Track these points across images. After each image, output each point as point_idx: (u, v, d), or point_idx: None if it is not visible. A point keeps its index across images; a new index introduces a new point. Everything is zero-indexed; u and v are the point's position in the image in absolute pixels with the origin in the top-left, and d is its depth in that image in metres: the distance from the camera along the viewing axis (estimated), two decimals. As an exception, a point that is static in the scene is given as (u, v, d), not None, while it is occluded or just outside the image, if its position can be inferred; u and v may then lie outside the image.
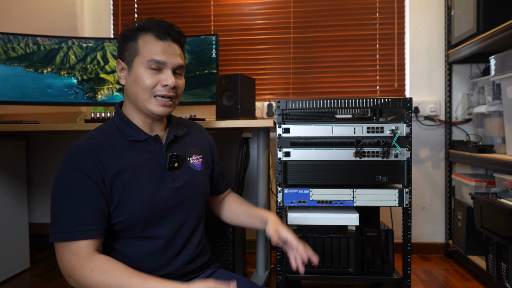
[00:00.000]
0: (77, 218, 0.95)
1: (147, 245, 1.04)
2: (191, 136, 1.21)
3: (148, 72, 1.03)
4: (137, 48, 1.04)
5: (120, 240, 1.04)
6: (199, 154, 1.18)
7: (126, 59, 1.07)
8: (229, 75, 1.80)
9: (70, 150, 1.00)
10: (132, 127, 1.07)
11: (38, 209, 2.63)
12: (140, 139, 1.06)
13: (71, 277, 0.94)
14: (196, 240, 1.13)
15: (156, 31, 1.03)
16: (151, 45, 1.03)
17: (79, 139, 1.03)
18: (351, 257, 1.59)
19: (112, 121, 1.10)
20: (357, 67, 2.54)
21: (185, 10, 2.64)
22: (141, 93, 1.03)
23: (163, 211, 1.05)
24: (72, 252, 0.94)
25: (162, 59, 1.03)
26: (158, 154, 1.08)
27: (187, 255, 1.10)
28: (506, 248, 1.68)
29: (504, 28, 1.69)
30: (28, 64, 2.10)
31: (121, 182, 1.00)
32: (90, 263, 0.93)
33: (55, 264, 2.35)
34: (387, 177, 1.58)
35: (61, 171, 0.98)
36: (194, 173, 1.14)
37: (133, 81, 1.04)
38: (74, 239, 0.94)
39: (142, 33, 1.04)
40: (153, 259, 1.04)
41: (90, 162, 0.97)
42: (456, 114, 2.43)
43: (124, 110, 1.10)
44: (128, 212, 1.00)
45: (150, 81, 1.03)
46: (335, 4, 2.54)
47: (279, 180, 1.61)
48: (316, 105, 1.63)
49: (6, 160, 2.16)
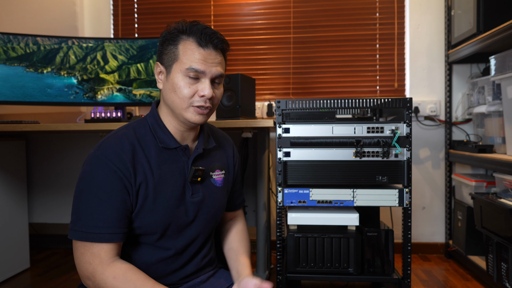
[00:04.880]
0: (103, 219, 0.93)
1: (155, 254, 1.03)
2: (219, 150, 1.17)
3: (185, 80, 0.99)
4: (177, 54, 1.00)
5: (133, 244, 1.03)
6: (222, 170, 1.15)
7: (165, 63, 1.03)
8: (229, 75, 1.80)
9: (101, 146, 0.97)
10: (165, 132, 1.04)
11: (38, 209, 2.63)
12: (171, 147, 1.04)
13: (90, 279, 0.92)
14: (203, 254, 1.12)
15: (198, 37, 0.99)
16: (191, 52, 0.99)
17: (110, 135, 1.00)
18: (351, 257, 1.59)
19: (146, 120, 1.06)
20: (357, 67, 2.54)
21: (185, 10, 2.63)
22: (178, 102, 1.00)
23: (179, 224, 1.04)
24: (94, 254, 0.92)
25: (201, 68, 0.98)
26: (184, 166, 1.05)
27: (191, 268, 1.09)
28: (506, 248, 1.68)
29: (504, 28, 1.69)
30: (28, 64, 2.10)
31: (146, 189, 0.98)
32: (113, 270, 0.91)
33: (55, 264, 2.35)
34: (387, 177, 1.58)
35: (89, 166, 0.95)
36: (214, 189, 1.12)
37: (171, 88, 1.01)
38: (98, 241, 0.92)
39: (183, 38, 1.00)
40: (158, 268, 1.04)
41: (121, 162, 0.95)
42: (456, 114, 2.43)
43: (160, 112, 1.07)
44: (146, 220, 0.99)
45: (188, 91, 0.99)
46: (335, 4, 2.54)
47: (279, 180, 1.61)
48: (316, 105, 1.63)
49: (6, 160, 2.16)
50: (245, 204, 2.19)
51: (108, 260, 0.92)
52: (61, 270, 2.26)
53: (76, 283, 2.05)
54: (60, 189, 2.61)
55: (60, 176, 2.61)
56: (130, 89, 2.18)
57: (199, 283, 1.11)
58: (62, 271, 2.24)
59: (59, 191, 2.61)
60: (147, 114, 1.09)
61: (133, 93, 2.18)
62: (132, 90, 2.18)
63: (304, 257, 1.61)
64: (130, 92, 2.18)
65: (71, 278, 2.13)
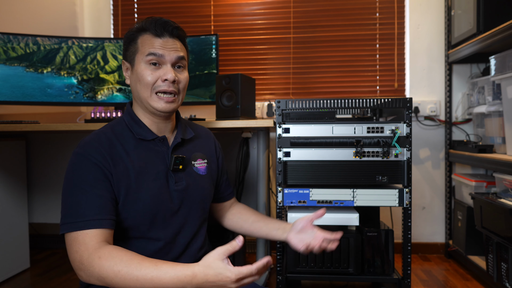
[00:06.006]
0: (87, 207, 0.94)
1: (147, 246, 1.04)
2: (198, 140, 1.21)
3: (148, 68, 1.04)
4: (137, 47, 1.06)
5: (124, 240, 1.03)
6: (204, 159, 1.19)
7: (128, 59, 1.09)
8: (229, 75, 1.80)
9: (80, 144, 1.01)
10: (141, 126, 1.08)
11: (38, 209, 2.63)
12: (148, 139, 1.07)
13: (81, 268, 0.90)
14: (197, 245, 1.13)
15: (153, 29, 1.05)
16: (149, 42, 1.05)
17: (89, 135, 1.04)
18: (351, 257, 1.59)
19: (122, 119, 1.10)
20: (357, 67, 2.54)
21: (185, 10, 2.64)
22: (143, 90, 1.05)
23: (166, 212, 1.05)
24: (79, 242, 0.91)
25: (160, 51, 1.04)
26: (164, 155, 1.08)
27: (187, 259, 1.10)
28: (506, 248, 1.68)
29: (504, 28, 1.69)
30: (28, 64, 2.10)
31: (128, 179, 1.00)
32: (98, 251, 0.90)
33: (55, 264, 2.36)
34: (387, 177, 1.58)
35: (71, 164, 0.99)
36: (198, 177, 1.14)
37: (136, 79, 1.06)
38: (83, 229, 0.92)
39: (141, 33, 1.07)
40: None
41: (100, 155, 0.98)
42: (456, 114, 2.43)
43: (134, 109, 1.11)
44: (133, 210, 1.00)
45: (151, 77, 1.04)
46: (335, 4, 2.54)
47: (279, 180, 1.61)
48: (316, 105, 1.63)
49: (6, 160, 2.16)
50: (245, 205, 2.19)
51: (94, 245, 0.91)
52: (61, 270, 2.26)
53: (76, 283, 2.05)
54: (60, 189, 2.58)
55: (60, 176, 2.61)
56: (130, 89, 2.18)
57: None
58: (62, 271, 2.24)
59: (59, 191, 2.61)
60: (123, 113, 1.13)
61: (133, 93, 2.18)
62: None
63: (304, 257, 1.61)
64: (130, 92, 2.18)
65: (71, 278, 2.13)
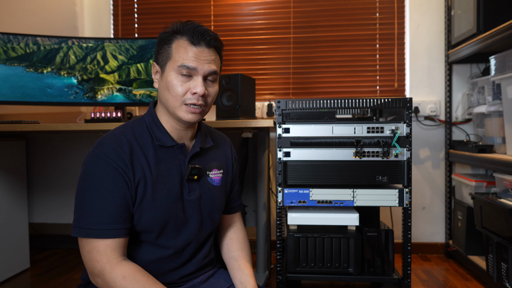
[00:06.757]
0: (105, 215, 0.93)
1: (156, 252, 1.03)
2: (216, 149, 1.18)
3: (178, 78, 1.00)
4: (170, 52, 1.02)
5: (133, 242, 1.03)
6: (220, 169, 1.16)
7: (160, 63, 1.05)
8: (229, 75, 1.80)
9: (99, 144, 0.99)
10: (162, 131, 1.05)
11: (38, 209, 2.63)
12: (167, 145, 1.05)
13: (99, 277, 0.93)
14: (204, 254, 1.13)
15: (190, 35, 1.00)
16: (184, 50, 1.00)
17: (108, 134, 1.02)
18: (351, 257, 1.59)
19: (143, 119, 1.08)
20: (357, 67, 2.54)
21: (185, 10, 2.63)
22: (171, 100, 1.02)
23: (177, 221, 1.04)
24: (101, 252, 0.93)
25: (193, 65, 1.00)
26: (181, 164, 1.06)
27: (192, 267, 1.09)
28: (506, 248, 1.68)
29: (504, 28, 1.69)
30: (28, 64, 2.10)
31: (145, 186, 0.99)
32: (122, 270, 0.92)
33: (55, 264, 2.36)
34: (387, 177, 1.58)
35: (90, 164, 0.97)
36: (211, 188, 1.12)
37: (165, 87, 1.02)
38: (103, 237, 0.93)
39: (177, 37, 1.02)
40: (157, 267, 1.04)
41: (120, 159, 0.96)
42: (456, 114, 2.43)
43: (157, 111, 1.09)
44: (145, 217, 1.00)
45: (181, 89, 1.00)
46: (335, 4, 2.54)
47: (279, 180, 1.61)
48: (316, 105, 1.63)
49: (6, 160, 2.16)
50: (245, 204, 2.19)
51: (115, 259, 0.93)
52: (61, 270, 2.26)
53: (76, 283, 2.05)
54: (60, 189, 2.61)
55: (60, 176, 2.61)
56: (130, 89, 2.18)
57: (199, 283, 1.11)
58: (62, 271, 2.24)
59: (59, 191, 2.61)
60: (145, 113, 1.10)
61: (133, 93, 2.18)
62: (132, 90, 2.18)
63: (304, 257, 1.61)
64: (130, 92, 2.18)
65: (71, 278, 2.13)
